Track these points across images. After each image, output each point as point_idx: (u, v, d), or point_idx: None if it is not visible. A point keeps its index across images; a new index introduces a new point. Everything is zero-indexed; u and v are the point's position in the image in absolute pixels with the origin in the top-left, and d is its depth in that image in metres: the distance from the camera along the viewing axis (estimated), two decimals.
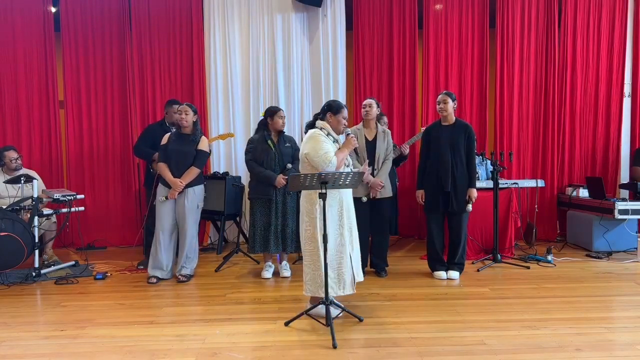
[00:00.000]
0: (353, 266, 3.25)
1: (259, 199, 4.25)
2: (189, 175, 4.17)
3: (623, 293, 3.79)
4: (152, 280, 4.19)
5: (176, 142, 4.22)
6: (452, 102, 4.18)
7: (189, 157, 4.19)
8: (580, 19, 5.88)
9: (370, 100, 4.26)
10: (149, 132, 4.90)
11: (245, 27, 5.91)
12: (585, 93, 5.93)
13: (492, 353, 2.66)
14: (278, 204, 4.24)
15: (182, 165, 4.18)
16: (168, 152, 4.20)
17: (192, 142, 4.22)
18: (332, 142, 3.27)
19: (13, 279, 4.28)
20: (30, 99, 5.86)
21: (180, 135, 4.25)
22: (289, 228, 4.24)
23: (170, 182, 4.15)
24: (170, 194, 4.15)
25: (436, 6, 5.93)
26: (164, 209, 4.19)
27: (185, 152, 4.18)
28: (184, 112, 4.18)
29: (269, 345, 2.81)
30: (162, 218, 4.19)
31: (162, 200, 4.17)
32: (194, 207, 4.24)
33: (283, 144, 4.29)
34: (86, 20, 5.86)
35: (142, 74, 5.88)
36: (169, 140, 4.25)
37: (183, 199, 4.18)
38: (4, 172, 4.90)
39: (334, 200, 3.20)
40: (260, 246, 4.27)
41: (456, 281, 4.14)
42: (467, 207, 4.14)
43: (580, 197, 5.54)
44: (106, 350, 2.80)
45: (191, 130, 4.24)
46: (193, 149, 4.21)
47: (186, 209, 4.18)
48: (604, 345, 2.77)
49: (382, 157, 4.22)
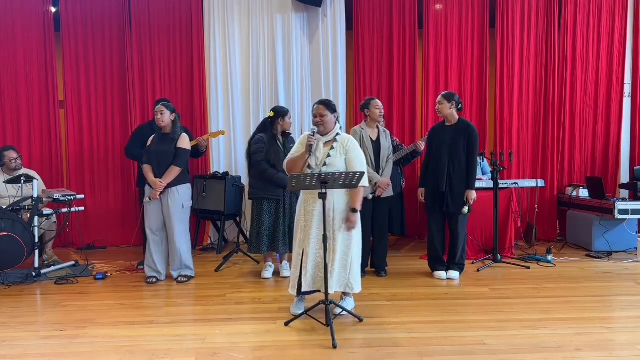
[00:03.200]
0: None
1: (267, 199, 4.22)
2: (169, 174, 4.11)
3: (623, 293, 3.79)
4: (152, 280, 4.19)
5: (157, 142, 4.20)
6: (449, 103, 4.14)
7: (168, 157, 4.13)
8: (580, 18, 5.88)
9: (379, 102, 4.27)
10: (139, 133, 4.88)
11: (245, 27, 5.91)
12: (585, 93, 5.93)
13: (492, 353, 2.66)
14: (286, 205, 4.25)
15: (163, 165, 4.13)
16: (150, 154, 4.19)
17: (171, 141, 4.18)
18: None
19: (13, 279, 4.28)
20: (30, 99, 5.85)
21: (161, 135, 4.23)
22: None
23: (151, 183, 4.12)
24: (152, 195, 4.12)
25: (436, 6, 5.93)
26: (150, 210, 4.16)
27: (165, 152, 4.14)
28: (160, 112, 4.14)
29: (268, 345, 2.81)
30: (149, 219, 4.17)
31: (147, 201, 4.16)
32: (179, 207, 4.16)
33: (289, 145, 4.27)
34: (86, 20, 5.86)
35: (142, 74, 5.88)
36: (152, 141, 4.24)
37: (167, 199, 4.13)
38: (3, 172, 4.90)
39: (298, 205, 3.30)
40: (267, 246, 4.26)
41: (456, 281, 4.14)
42: (462, 209, 4.11)
43: (580, 197, 5.54)
44: (106, 350, 2.79)
45: (170, 129, 4.21)
46: (172, 148, 4.16)
47: (170, 209, 4.13)
48: (604, 345, 2.77)
49: (386, 156, 4.24)
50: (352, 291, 3.26)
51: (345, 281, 3.22)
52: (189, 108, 5.92)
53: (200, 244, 5.86)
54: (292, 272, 3.28)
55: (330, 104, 3.29)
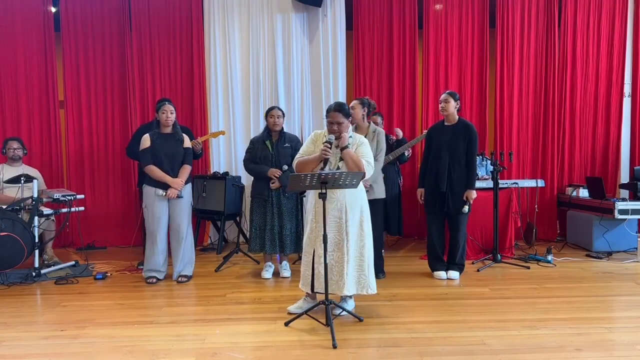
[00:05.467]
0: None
1: (256, 198, 4.27)
2: (185, 174, 4.21)
3: (623, 293, 3.79)
4: (152, 280, 4.19)
5: (163, 143, 4.19)
6: (455, 102, 4.15)
7: (179, 157, 4.23)
8: (580, 18, 5.88)
9: (354, 102, 4.14)
10: (141, 133, 4.87)
11: (245, 27, 5.91)
12: (585, 93, 5.93)
13: (492, 353, 2.66)
14: (274, 205, 4.22)
15: (176, 166, 4.20)
16: (158, 154, 4.16)
17: (178, 142, 4.24)
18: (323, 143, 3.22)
19: (13, 279, 4.28)
20: (31, 99, 5.85)
21: (163, 135, 4.22)
22: (287, 230, 4.21)
23: (171, 183, 4.14)
24: (171, 193, 4.11)
25: (436, 6, 5.93)
26: (159, 209, 4.15)
27: (177, 153, 4.21)
28: (170, 111, 4.18)
29: (269, 345, 2.81)
30: (154, 219, 4.14)
31: (162, 194, 4.12)
32: (188, 205, 4.28)
33: (282, 144, 4.25)
34: (86, 20, 5.86)
35: (142, 74, 5.88)
36: (152, 141, 4.19)
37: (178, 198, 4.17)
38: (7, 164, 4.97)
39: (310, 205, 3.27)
40: (256, 245, 4.28)
41: (456, 281, 4.14)
42: (463, 208, 4.12)
43: (580, 197, 5.54)
44: (106, 350, 2.79)
45: (172, 129, 4.25)
46: (182, 149, 4.24)
47: (182, 207, 4.19)
48: (604, 345, 2.77)
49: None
50: (369, 293, 3.21)
51: (364, 282, 3.19)
52: (189, 108, 5.92)
53: (200, 244, 5.86)
54: (304, 269, 3.26)
55: (344, 108, 3.15)
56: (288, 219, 4.22)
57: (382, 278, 4.25)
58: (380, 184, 4.09)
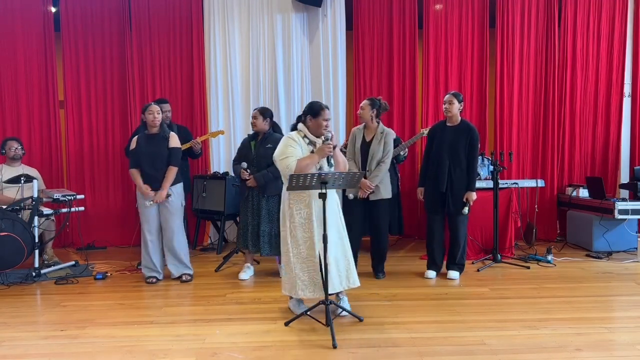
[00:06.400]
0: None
1: (241, 196, 4.38)
2: (170, 176, 4.12)
3: (623, 293, 3.79)
4: (152, 280, 4.19)
5: (145, 144, 4.13)
6: (459, 103, 4.14)
7: (162, 157, 4.11)
8: (580, 18, 5.88)
9: (364, 102, 4.17)
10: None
11: (245, 27, 5.92)
12: (585, 93, 5.93)
13: (492, 353, 2.66)
14: (254, 205, 4.25)
15: (158, 166, 4.10)
16: (139, 156, 4.12)
17: (162, 141, 4.15)
18: (307, 145, 3.21)
19: (13, 279, 4.28)
20: (30, 98, 5.85)
21: (148, 136, 4.17)
22: (262, 230, 4.18)
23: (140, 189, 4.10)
24: (157, 199, 4.07)
25: (436, 6, 5.93)
26: (149, 211, 4.14)
27: (158, 152, 4.10)
28: (157, 112, 4.12)
29: (268, 345, 2.81)
30: (148, 221, 4.15)
31: (150, 205, 4.10)
32: (178, 206, 4.21)
33: (264, 145, 4.22)
34: (86, 20, 5.86)
35: (142, 74, 5.88)
36: (138, 143, 4.16)
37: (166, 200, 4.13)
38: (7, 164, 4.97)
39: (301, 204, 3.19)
40: (240, 243, 4.38)
41: (456, 281, 4.14)
42: (462, 209, 4.11)
43: (580, 197, 5.54)
44: (106, 350, 2.80)
45: (159, 129, 4.19)
46: (165, 148, 4.14)
47: (170, 209, 4.15)
48: (604, 345, 2.77)
49: (377, 159, 4.10)
50: (354, 286, 3.26)
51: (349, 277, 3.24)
52: (189, 108, 5.92)
53: (200, 244, 5.86)
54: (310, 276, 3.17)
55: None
56: (265, 220, 4.19)
57: (382, 278, 4.25)
58: (386, 184, 4.16)
